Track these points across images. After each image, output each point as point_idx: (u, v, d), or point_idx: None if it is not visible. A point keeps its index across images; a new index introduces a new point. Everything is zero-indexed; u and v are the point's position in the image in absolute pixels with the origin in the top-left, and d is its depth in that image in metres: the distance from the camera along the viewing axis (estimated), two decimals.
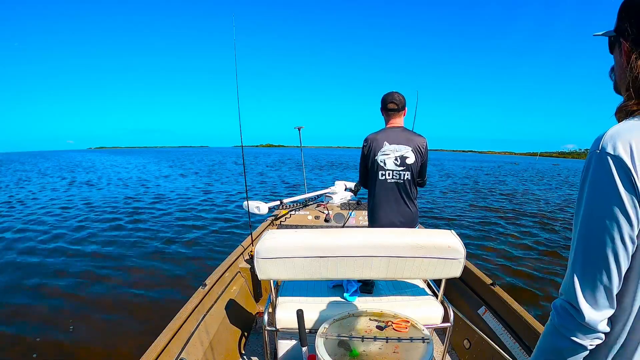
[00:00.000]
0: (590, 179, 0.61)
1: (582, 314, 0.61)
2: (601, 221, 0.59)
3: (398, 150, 2.01)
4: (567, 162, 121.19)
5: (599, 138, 0.61)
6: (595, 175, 0.60)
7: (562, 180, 23.54)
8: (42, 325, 3.31)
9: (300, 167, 25.13)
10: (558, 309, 0.66)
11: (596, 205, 0.60)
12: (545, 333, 0.70)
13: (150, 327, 3.10)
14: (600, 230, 0.59)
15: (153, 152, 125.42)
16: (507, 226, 7.70)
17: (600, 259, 0.60)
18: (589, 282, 0.61)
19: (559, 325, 0.65)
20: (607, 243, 0.58)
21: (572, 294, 0.63)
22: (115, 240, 6.11)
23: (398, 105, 2.05)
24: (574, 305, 0.62)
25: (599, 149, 0.60)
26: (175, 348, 1.64)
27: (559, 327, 0.65)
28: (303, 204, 3.92)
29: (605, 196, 0.58)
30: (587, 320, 0.61)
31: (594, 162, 0.60)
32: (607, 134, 0.60)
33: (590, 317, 0.60)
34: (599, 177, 0.59)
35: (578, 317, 0.61)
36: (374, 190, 2.11)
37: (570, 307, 0.63)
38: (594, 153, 0.61)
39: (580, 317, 0.61)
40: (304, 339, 1.40)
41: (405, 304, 1.79)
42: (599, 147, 0.60)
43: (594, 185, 0.60)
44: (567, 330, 0.63)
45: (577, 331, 0.62)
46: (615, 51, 0.69)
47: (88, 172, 22.74)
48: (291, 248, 1.48)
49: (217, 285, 2.32)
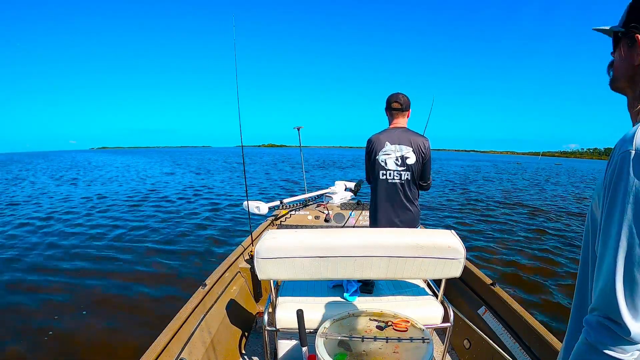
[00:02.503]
0: (628, 181, 0.57)
1: (626, 328, 0.56)
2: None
3: (399, 150, 2.02)
4: (570, 162, 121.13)
5: (628, 138, 0.58)
6: (635, 177, 0.56)
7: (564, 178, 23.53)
8: (42, 325, 3.32)
9: (299, 168, 25.13)
10: (594, 325, 0.61)
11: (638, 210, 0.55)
12: (578, 352, 0.64)
13: (150, 327, 3.11)
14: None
15: (155, 152, 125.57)
16: (507, 226, 7.70)
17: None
18: (631, 294, 0.57)
19: (596, 342, 0.60)
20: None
21: (614, 308, 0.58)
22: (114, 239, 6.11)
23: (402, 106, 2.07)
24: (615, 320, 0.58)
25: (634, 149, 0.56)
26: (175, 348, 1.64)
27: (596, 344, 0.60)
28: (303, 204, 3.92)
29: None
30: (632, 335, 0.56)
31: (632, 163, 0.56)
32: (639, 133, 0.57)
33: (635, 330, 0.56)
34: (638, 178, 0.55)
35: (621, 332, 0.57)
36: (375, 189, 2.12)
37: (610, 323, 0.58)
38: (627, 153, 0.57)
39: (624, 332, 0.57)
40: (304, 339, 1.40)
41: (405, 304, 1.79)
42: (632, 147, 0.56)
43: (633, 187, 0.56)
44: (605, 347, 0.59)
45: (618, 346, 0.58)
46: (622, 47, 0.68)
47: (91, 171, 22.78)
48: (291, 248, 1.48)
49: (217, 285, 2.32)
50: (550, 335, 1.65)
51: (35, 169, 27.69)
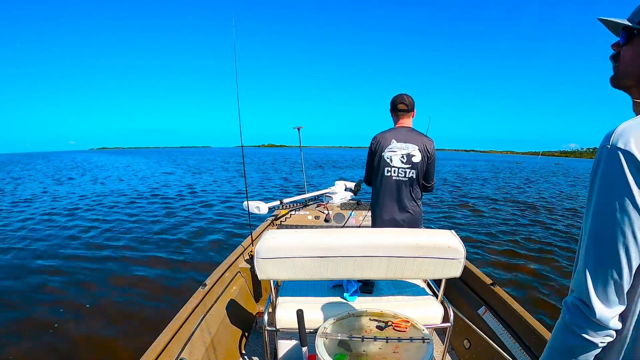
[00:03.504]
0: (601, 174, 0.60)
1: (593, 310, 0.60)
2: (612, 216, 0.58)
3: (405, 148, 2.04)
4: (570, 161, 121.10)
5: (609, 133, 0.60)
6: (606, 170, 0.59)
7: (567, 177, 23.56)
8: (41, 325, 3.31)
9: (297, 168, 25.12)
10: (569, 306, 0.65)
11: (607, 201, 0.59)
12: (555, 331, 0.69)
13: (150, 327, 3.10)
14: (612, 225, 0.58)
15: (155, 152, 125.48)
16: (507, 226, 7.70)
17: (611, 255, 0.59)
18: (601, 278, 0.60)
19: (569, 322, 0.64)
20: (619, 238, 0.58)
21: (584, 291, 0.62)
22: (114, 239, 6.11)
23: (407, 107, 2.09)
24: (585, 302, 0.62)
25: (610, 144, 0.59)
26: (175, 348, 1.64)
27: (570, 324, 0.64)
28: (303, 204, 3.92)
29: (617, 191, 0.58)
30: (598, 317, 0.60)
31: (605, 157, 0.60)
32: (618, 129, 0.60)
33: (601, 313, 0.60)
34: (609, 172, 0.59)
35: (589, 313, 0.61)
36: (379, 186, 2.12)
37: (581, 304, 0.62)
38: (604, 148, 0.60)
39: (591, 314, 0.60)
40: (304, 339, 1.40)
41: (405, 304, 1.79)
42: (609, 143, 0.59)
43: (605, 180, 0.60)
44: (578, 328, 0.63)
45: (589, 328, 0.62)
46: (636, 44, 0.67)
47: (88, 171, 22.77)
48: (291, 248, 1.49)
49: (217, 285, 2.32)
50: (550, 335, 1.65)
51: (37, 168, 27.68)
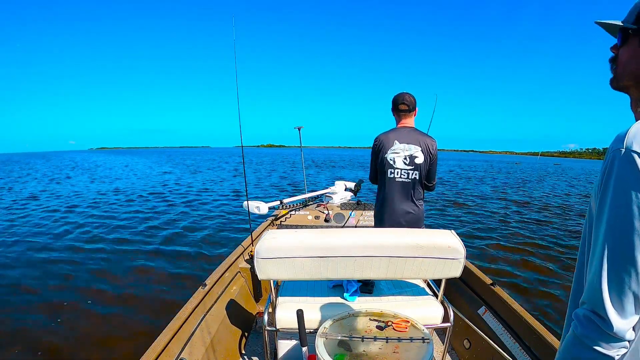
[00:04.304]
0: (616, 179, 0.57)
1: (609, 323, 0.56)
2: (630, 223, 0.55)
3: (408, 149, 2.03)
4: (569, 162, 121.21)
5: (621, 136, 0.58)
6: (621, 174, 0.56)
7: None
8: (41, 325, 3.31)
9: (297, 169, 25.13)
10: (581, 319, 0.61)
11: (625, 207, 0.55)
12: (566, 345, 0.64)
13: (150, 327, 3.10)
14: (630, 232, 0.55)
15: (155, 152, 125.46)
16: (507, 226, 7.70)
17: (629, 264, 0.55)
18: (617, 288, 0.57)
19: (582, 335, 0.60)
20: (638, 246, 0.54)
21: (598, 302, 0.58)
22: (113, 239, 6.10)
23: (409, 106, 2.08)
24: (600, 314, 0.58)
25: (624, 147, 0.56)
26: (175, 348, 1.64)
27: (582, 337, 0.60)
28: (303, 204, 3.92)
29: (635, 197, 0.54)
30: (615, 330, 0.56)
31: (620, 161, 0.57)
32: (631, 131, 0.57)
33: (618, 326, 0.56)
34: (626, 176, 0.56)
35: (605, 326, 0.57)
36: (382, 187, 2.12)
37: (595, 316, 0.59)
38: (618, 151, 0.57)
39: (607, 327, 0.57)
40: (304, 339, 1.40)
41: (405, 304, 1.79)
42: (623, 145, 0.56)
43: (621, 184, 0.56)
44: (591, 341, 0.59)
45: (602, 341, 0.58)
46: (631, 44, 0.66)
47: (87, 170, 22.77)
48: (291, 248, 1.49)
49: (217, 285, 2.32)
50: (550, 335, 1.65)
51: (36, 168, 27.67)
